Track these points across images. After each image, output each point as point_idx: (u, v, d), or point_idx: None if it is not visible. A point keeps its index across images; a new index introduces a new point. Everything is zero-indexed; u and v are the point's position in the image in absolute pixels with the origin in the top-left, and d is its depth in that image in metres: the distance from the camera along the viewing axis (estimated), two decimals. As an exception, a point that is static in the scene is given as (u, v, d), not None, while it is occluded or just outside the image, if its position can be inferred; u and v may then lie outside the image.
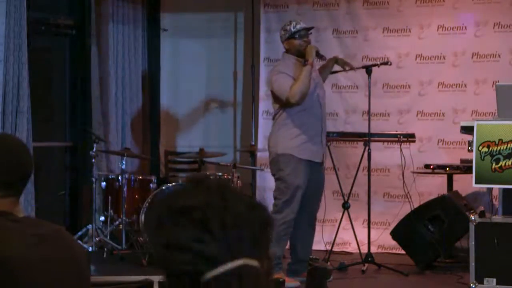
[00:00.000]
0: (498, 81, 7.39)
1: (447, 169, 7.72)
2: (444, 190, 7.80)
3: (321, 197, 6.85)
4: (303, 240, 6.79)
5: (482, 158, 6.06)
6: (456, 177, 7.78)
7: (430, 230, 7.22)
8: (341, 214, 7.50)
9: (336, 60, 7.11)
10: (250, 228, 1.42)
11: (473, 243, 6.10)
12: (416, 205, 7.54)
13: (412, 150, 7.74)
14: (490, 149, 6.05)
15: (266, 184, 8.55)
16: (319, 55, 6.58)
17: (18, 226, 2.34)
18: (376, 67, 7.33)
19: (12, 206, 2.39)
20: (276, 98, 6.60)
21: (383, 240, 7.99)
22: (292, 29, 6.63)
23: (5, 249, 2.26)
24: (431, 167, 7.80)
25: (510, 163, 6.01)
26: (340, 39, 8.59)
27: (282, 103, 6.54)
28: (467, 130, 6.30)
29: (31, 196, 7.60)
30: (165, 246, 1.42)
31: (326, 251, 7.45)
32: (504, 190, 6.52)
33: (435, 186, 8.12)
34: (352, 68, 7.08)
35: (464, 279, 6.51)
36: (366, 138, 7.37)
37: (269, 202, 6.91)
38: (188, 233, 1.40)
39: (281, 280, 6.02)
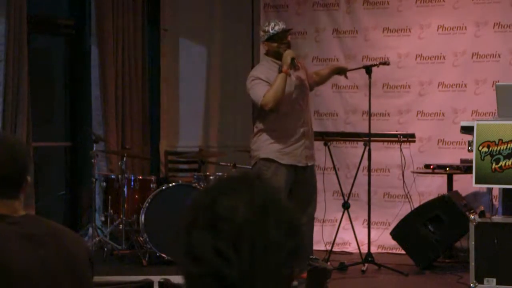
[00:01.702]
0: (498, 81, 7.39)
1: (447, 169, 7.72)
2: (444, 190, 7.80)
3: (315, 198, 6.75)
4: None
5: (482, 158, 6.06)
6: (456, 177, 7.78)
7: (430, 230, 7.22)
8: (341, 214, 7.49)
9: (338, 72, 7.03)
10: (278, 258, 1.33)
11: (473, 243, 6.10)
12: (416, 205, 7.54)
13: (412, 150, 7.75)
14: (490, 149, 6.05)
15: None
16: (293, 64, 6.36)
17: (13, 228, 2.30)
18: (376, 67, 7.33)
19: (6, 208, 2.34)
20: (253, 103, 6.51)
21: (383, 240, 7.99)
22: (271, 31, 6.44)
23: (3, 254, 2.23)
24: (431, 167, 7.80)
25: (510, 163, 6.01)
26: (340, 39, 8.58)
27: (259, 109, 6.45)
28: (467, 130, 6.30)
29: (31, 196, 7.61)
30: (186, 251, 1.34)
31: (326, 251, 7.44)
32: (504, 190, 6.52)
33: (435, 186, 8.12)
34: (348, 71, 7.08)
35: (464, 279, 6.51)
36: (366, 138, 7.36)
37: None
38: (217, 244, 1.31)
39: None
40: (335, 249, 7.68)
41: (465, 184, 7.58)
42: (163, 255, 7.14)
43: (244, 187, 1.37)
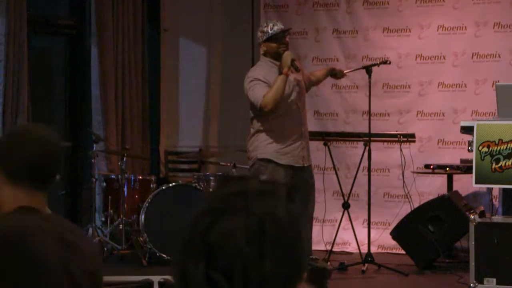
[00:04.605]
0: (498, 81, 7.40)
1: (447, 169, 7.72)
2: (444, 190, 7.81)
3: (313, 198, 6.74)
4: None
5: (482, 158, 6.06)
6: (456, 177, 7.78)
7: (430, 230, 7.22)
8: (341, 214, 7.49)
9: (334, 74, 7.04)
10: (274, 285, 1.32)
11: (473, 243, 6.10)
12: (416, 205, 7.54)
13: (412, 150, 7.74)
14: (490, 149, 6.05)
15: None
16: (294, 65, 6.32)
17: (46, 225, 2.27)
18: (376, 66, 7.33)
19: (36, 200, 2.33)
20: (251, 103, 6.49)
21: (383, 240, 7.99)
22: (269, 31, 6.40)
23: (41, 250, 2.20)
24: (431, 167, 7.80)
25: (510, 163, 6.01)
26: (340, 39, 8.58)
27: (256, 110, 6.44)
28: (467, 130, 6.30)
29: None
30: (180, 272, 1.32)
31: (326, 251, 7.45)
32: (504, 190, 6.53)
33: (435, 186, 8.12)
34: (345, 74, 7.09)
35: (464, 279, 6.51)
36: (366, 138, 7.36)
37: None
38: (209, 272, 1.29)
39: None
40: (335, 249, 7.68)
41: (465, 184, 7.58)
42: (163, 255, 7.13)
43: (239, 207, 1.31)
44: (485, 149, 6.06)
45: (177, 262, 1.34)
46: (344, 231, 7.78)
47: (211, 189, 7.50)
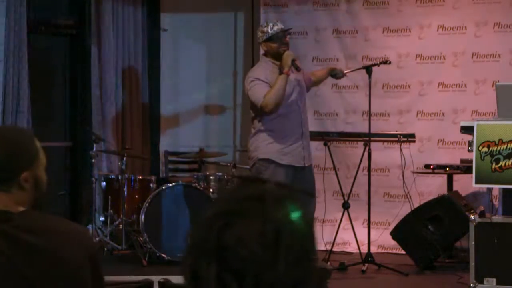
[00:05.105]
0: (498, 81, 7.40)
1: (447, 169, 7.72)
2: (444, 190, 7.81)
3: (314, 198, 6.74)
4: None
5: (482, 158, 6.07)
6: (456, 177, 7.78)
7: (430, 230, 7.22)
8: (341, 214, 7.50)
9: (335, 74, 7.04)
10: None
11: (473, 243, 6.10)
12: (416, 205, 7.54)
13: (412, 150, 7.75)
14: (490, 149, 6.05)
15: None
16: (294, 65, 6.35)
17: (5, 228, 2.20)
18: (376, 66, 7.34)
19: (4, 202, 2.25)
20: (252, 103, 6.49)
21: (383, 240, 7.99)
22: (269, 31, 6.42)
23: None
24: (431, 167, 7.80)
25: (510, 163, 6.01)
26: (340, 39, 8.58)
27: (257, 110, 6.44)
28: (467, 130, 6.30)
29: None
30: (190, 268, 1.32)
31: (326, 251, 7.45)
32: (504, 190, 6.53)
33: (435, 186, 8.12)
34: (345, 74, 7.09)
35: (464, 279, 6.51)
36: (366, 138, 7.37)
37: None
38: (221, 274, 1.30)
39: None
40: (335, 249, 7.68)
41: (465, 184, 7.58)
42: (163, 255, 7.13)
43: (256, 212, 1.30)
44: (485, 149, 6.07)
45: (188, 261, 1.33)
46: (344, 231, 7.78)
47: (220, 190, 7.50)
